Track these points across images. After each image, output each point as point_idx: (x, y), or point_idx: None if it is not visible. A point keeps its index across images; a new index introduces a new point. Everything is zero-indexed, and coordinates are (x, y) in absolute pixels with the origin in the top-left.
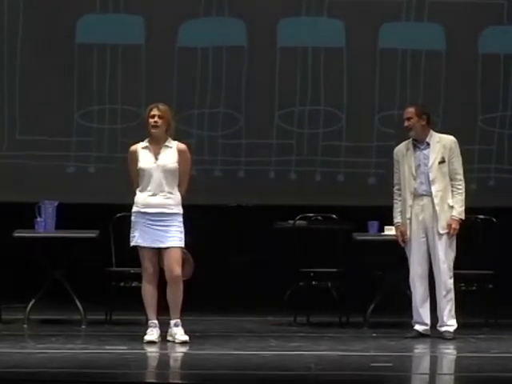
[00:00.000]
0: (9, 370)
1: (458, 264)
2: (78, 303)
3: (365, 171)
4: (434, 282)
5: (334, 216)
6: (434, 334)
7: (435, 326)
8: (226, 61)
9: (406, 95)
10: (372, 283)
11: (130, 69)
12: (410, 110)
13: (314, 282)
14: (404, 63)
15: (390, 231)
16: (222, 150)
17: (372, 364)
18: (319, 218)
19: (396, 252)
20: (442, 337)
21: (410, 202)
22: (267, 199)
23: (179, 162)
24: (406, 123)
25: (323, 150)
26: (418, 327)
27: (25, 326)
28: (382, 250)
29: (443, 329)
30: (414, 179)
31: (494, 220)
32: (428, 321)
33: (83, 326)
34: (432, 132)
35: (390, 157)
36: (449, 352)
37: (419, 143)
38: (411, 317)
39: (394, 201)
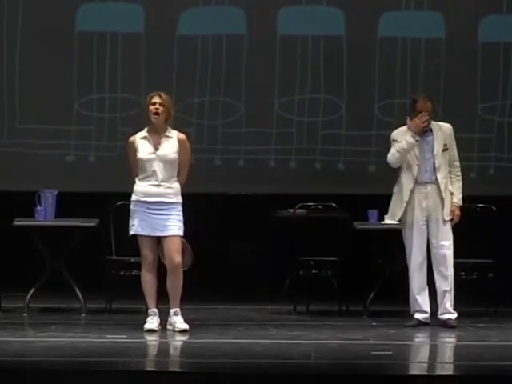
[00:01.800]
0: (8, 359)
1: (457, 253)
2: (78, 292)
3: (364, 160)
4: (430, 270)
5: (334, 204)
6: (434, 323)
7: (435, 314)
8: (225, 49)
9: (405, 84)
10: (372, 272)
11: (130, 57)
12: (430, 106)
13: (313, 271)
14: (404, 52)
15: (389, 220)
16: (221, 139)
17: (372, 352)
18: (319, 206)
19: (396, 241)
20: (444, 325)
21: (410, 186)
22: (267, 188)
23: (179, 151)
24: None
25: (323, 139)
26: (417, 316)
27: (25, 314)
28: (381, 238)
29: (445, 317)
30: (418, 166)
31: (494, 208)
32: (428, 309)
33: (83, 315)
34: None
35: (388, 145)
36: (448, 340)
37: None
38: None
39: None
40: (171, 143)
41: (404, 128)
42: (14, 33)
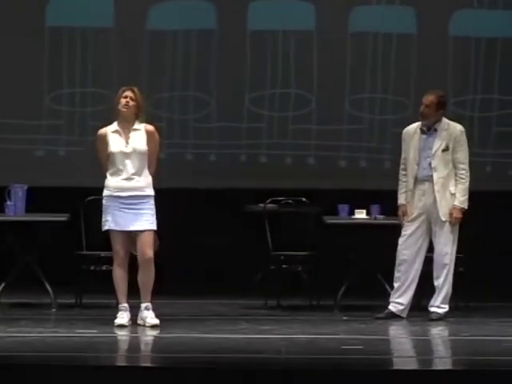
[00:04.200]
0: None
1: (428, 248)
2: (48, 287)
3: (335, 154)
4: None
5: (305, 199)
6: (408, 316)
7: (412, 308)
8: (195, 44)
9: (376, 78)
10: (342, 266)
11: (100, 52)
12: (430, 99)
13: (284, 266)
14: (375, 46)
15: (360, 214)
16: (192, 134)
17: (343, 347)
18: (290, 201)
19: (366, 235)
20: (430, 317)
21: (411, 186)
22: (238, 183)
23: (148, 143)
24: (422, 109)
25: (294, 134)
26: (392, 307)
27: None
28: (352, 233)
29: (431, 309)
30: (417, 164)
31: None
32: (404, 301)
33: (53, 310)
34: (442, 118)
35: (359, 140)
36: (419, 335)
37: (427, 128)
38: (382, 300)
39: (399, 181)
40: (140, 136)
41: (414, 125)
42: None
